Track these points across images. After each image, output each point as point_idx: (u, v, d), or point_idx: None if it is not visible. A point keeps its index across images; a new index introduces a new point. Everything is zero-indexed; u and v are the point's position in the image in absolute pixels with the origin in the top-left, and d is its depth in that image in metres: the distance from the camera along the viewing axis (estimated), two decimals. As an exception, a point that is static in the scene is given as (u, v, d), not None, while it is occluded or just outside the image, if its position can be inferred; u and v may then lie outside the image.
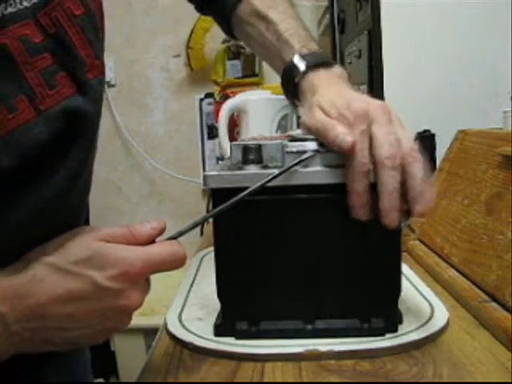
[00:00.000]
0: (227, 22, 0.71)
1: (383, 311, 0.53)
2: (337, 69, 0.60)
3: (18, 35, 0.42)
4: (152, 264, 0.44)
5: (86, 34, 0.46)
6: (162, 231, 0.46)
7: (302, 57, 0.60)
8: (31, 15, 0.43)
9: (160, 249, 0.45)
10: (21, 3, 0.43)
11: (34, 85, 0.43)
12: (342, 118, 0.50)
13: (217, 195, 0.51)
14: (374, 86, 1.18)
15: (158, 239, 0.46)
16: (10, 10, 0.42)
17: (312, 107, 0.54)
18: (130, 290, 0.43)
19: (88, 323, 0.43)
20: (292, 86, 0.61)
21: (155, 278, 0.46)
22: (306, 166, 0.50)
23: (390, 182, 0.47)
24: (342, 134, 0.48)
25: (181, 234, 0.47)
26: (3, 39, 0.42)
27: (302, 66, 0.60)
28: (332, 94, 0.55)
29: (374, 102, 0.51)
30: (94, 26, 0.47)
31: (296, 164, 0.50)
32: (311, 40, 0.63)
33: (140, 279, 0.44)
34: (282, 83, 0.64)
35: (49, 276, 0.42)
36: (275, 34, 0.64)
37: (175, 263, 0.45)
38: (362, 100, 0.52)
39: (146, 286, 0.45)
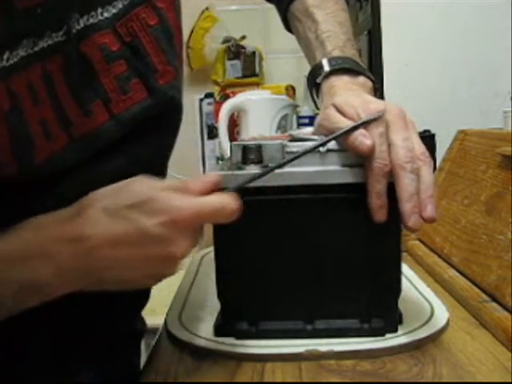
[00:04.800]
0: (283, 17, 0.72)
1: (383, 311, 0.53)
2: (361, 78, 0.59)
3: (98, 44, 0.46)
4: (201, 214, 0.43)
5: (159, 42, 0.49)
6: (216, 184, 0.45)
7: (330, 59, 0.60)
8: (110, 25, 0.47)
9: (211, 200, 0.44)
10: (102, 14, 0.46)
11: (109, 90, 0.47)
12: (358, 119, 0.50)
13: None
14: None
15: None
16: (91, 20, 0.46)
17: (328, 107, 0.54)
18: (177, 237, 0.42)
19: (135, 267, 0.43)
20: (315, 86, 0.61)
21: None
22: (304, 166, 0.50)
23: (411, 184, 0.48)
24: (361, 137, 0.48)
25: (236, 188, 0.47)
26: (84, 48, 0.45)
27: (326, 67, 0.59)
28: (348, 95, 0.55)
29: (391, 105, 0.51)
30: (167, 34, 0.50)
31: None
32: (349, 46, 0.63)
33: (188, 228, 0.43)
34: (308, 83, 0.63)
35: (101, 219, 0.42)
36: (315, 33, 0.64)
37: (225, 216, 0.44)
38: (378, 101, 0.52)
39: (194, 236, 0.44)
